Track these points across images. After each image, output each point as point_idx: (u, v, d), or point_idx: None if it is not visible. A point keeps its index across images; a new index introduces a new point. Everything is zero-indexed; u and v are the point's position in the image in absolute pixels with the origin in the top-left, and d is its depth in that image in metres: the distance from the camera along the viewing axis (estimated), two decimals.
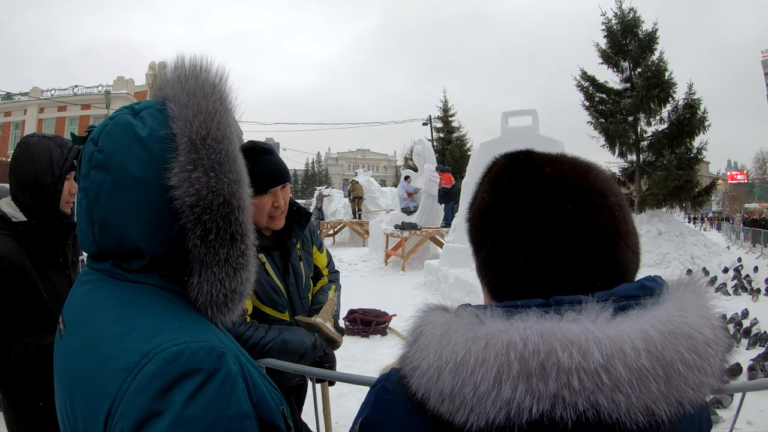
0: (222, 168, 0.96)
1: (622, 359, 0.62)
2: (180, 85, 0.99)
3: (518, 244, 0.79)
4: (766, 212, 30.33)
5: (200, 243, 0.95)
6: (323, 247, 2.79)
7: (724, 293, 11.47)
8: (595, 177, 0.81)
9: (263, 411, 0.97)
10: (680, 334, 0.65)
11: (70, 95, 43.02)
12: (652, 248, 15.98)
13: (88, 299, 0.99)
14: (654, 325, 0.65)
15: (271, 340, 2.15)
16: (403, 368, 0.75)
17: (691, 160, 18.09)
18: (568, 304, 0.70)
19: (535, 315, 0.67)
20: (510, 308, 0.71)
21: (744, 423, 4.61)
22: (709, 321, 0.70)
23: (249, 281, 1.04)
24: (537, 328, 0.65)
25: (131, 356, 0.84)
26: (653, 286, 0.75)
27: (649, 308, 0.69)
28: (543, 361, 0.62)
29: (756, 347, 7.38)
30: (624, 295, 0.72)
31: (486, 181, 0.89)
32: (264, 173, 2.15)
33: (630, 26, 19.34)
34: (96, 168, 0.95)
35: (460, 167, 28.99)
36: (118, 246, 0.97)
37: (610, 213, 0.77)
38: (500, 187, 0.84)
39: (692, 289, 0.76)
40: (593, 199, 0.78)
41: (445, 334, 0.70)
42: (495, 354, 0.64)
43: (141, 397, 0.81)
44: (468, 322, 0.70)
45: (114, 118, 0.99)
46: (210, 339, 0.91)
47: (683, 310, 0.69)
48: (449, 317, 0.74)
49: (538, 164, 0.83)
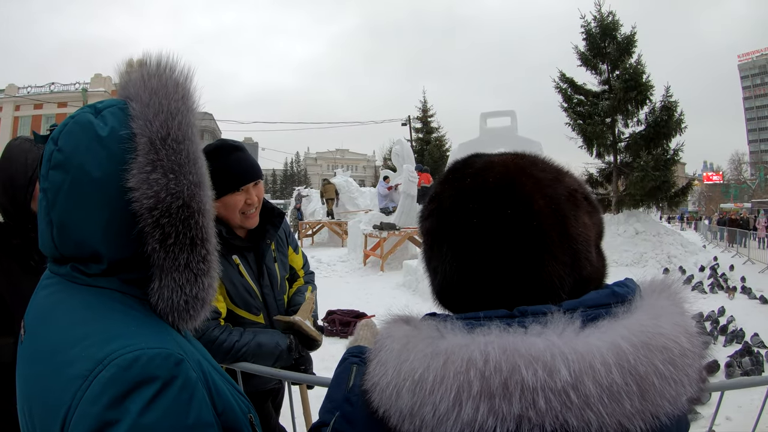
0: (182, 170, 0.93)
1: (592, 375, 0.58)
2: (142, 83, 0.95)
3: (438, 256, 0.78)
4: (744, 212, 30.43)
5: (159, 247, 0.92)
6: (299, 248, 2.73)
7: (701, 291, 11.70)
8: (522, 182, 0.75)
9: (229, 419, 0.95)
10: (655, 345, 0.62)
11: (47, 93, 42.33)
12: (630, 248, 16.23)
13: (47, 304, 0.96)
14: (626, 336, 0.62)
15: (245, 343, 2.11)
16: (365, 383, 0.72)
17: (668, 162, 18.42)
18: (533, 315, 0.66)
19: (498, 329, 0.64)
20: (471, 320, 0.67)
21: (723, 419, 4.71)
22: (685, 328, 0.67)
23: (212, 287, 1.01)
24: (499, 344, 0.61)
25: (86, 363, 0.81)
26: (625, 292, 0.73)
27: (620, 317, 0.66)
28: (505, 380, 0.59)
29: (733, 344, 7.52)
30: (594, 304, 0.69)
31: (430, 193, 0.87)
32: (235, 170, 2.12)
33: (609, 29, 19.64)
34: (55, 168, 0.92)
35: (438, 167, 29.22)
36: (76, 249, 0.94)
37: (534, 220, 0.72)
38: (431, 200, 0.84)
39: (666, 294, 0.74)
40: (516, 207, 0.73)
41: (404, 349, 0.67)
42: (454, 372, 0.61)
43: (95, 406, 0.78)
44: (427, 336, 0.67)
45: (75, 117, 0.96)
46: (168, 345, 0.88)
47: (657, 318, 0.66)
48: (409, 330, 0.70)
49: (464, 175, 0.80)
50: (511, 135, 13.57)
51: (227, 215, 2.15)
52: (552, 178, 0.77)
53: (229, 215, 2.15)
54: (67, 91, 42.52)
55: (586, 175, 21.12)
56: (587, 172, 21.15)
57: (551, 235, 0.72)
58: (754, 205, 50.36)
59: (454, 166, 0.85)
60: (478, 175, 0.78)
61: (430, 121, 41.47)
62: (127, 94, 0.97)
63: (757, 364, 6.39)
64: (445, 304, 0.81)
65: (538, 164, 0.80)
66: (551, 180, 0.77)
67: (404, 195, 15.87)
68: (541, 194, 0.74)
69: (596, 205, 0.82)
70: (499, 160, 0.80)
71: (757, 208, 36.18)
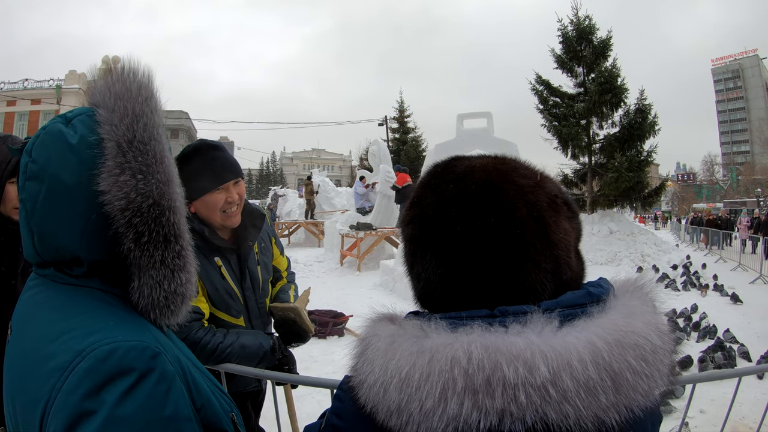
0: (150, 170, 0.95)
1: (569, 372, 0.61)
2: (107, 89, 0.98)
3: (421, 263, 0.80)
4: (723, 211, 30.37)
5: (134, 246, 0.94)
6: (283, 250, 2.76)
7: (674, 289, 11.96)
8: (504, 190, 0.76)
9: (208, 415, 0.97)
10: (627, 343, 0.65)
11: (20, 89, 41.20)
12: (604, 246, 16.42)
13: (31, 304, 0.99)
14: (600, 335, 0.65)
15: (229, 345, 2.10)
16: (352, 380, 0.74)
17: (642, 163, 18.68)
18: (513, 315, 0.68)
19: (480, 328, 0.66)
20: (454, 320, 0.70)
21: (697, 411, 4.85)
22: (656, 326, 0.70)
23: (190, 282, 1.03)
24: (481, 342, 0.64)
25: (66, 355, 0.84)
26: (599, 292, 0.75)
27: (595, 317, 0.69)
28: (488, 377, 0.61)
29: (705, 340, 7.72)
30: (570, 304, 0.71)
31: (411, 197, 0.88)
32: (214, 169, 2.12)
33: (585, 33, 19.86)
34: (31, 179, 0.95)
35: (415, 168, 29.17)
36: (57, 254, 0.97)
37: (517, 228, 0.73)
38: (412, 206, 0.84)
39: (638, 294, 0.76)
40: (500, 215, 0.74)
41: (390, 348, 0.70)
42: (439, 370, 0.63)
43: (72, 396, 0.80)
44: (412, 335, 0.70)
45: (46, 128, 0.99)
46: (145, 339, 0.90)
47: (630, 317, 0.69)
48: (394, 329, 0.73)
49: (446, 180, 0.81)
50: (488, 136, 13.66)
51: (208, 215, 2.14)
52: (533, 185, 0.78)
53: (210, 214, 2.14)
54: (41, 87, 41.43)
55: (561, 176, 21.35)
56: (562, 172, 21.37)
57: (534, 242, 0.73)
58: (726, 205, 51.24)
59: (435, 170, 0.85)
60: (460, 180, 0.78)
61: (407, 121, 41.63)
62: (94, 101, 1.00)
63: (729, 358, 6.53)
64: (428, 307, 0.82)
65: (519, 169, 0.81)
66: (532, 186, 0.78)
67: (381, 195, 15.87)
68: (523, 201, 0.75)
69: (575, 209, 0.84)
70: (480, 164, 0.81)
71: (732, 208, 35.71)
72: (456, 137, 14.15)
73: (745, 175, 74.27)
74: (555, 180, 0.85)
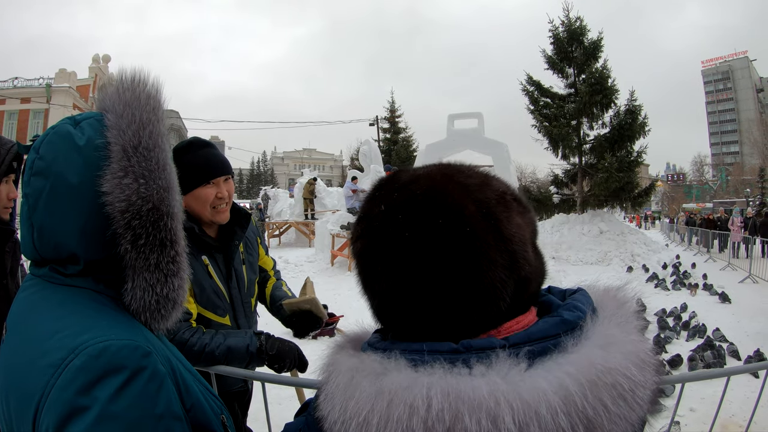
0: (152, 175, 0.99)
1: (537, 423, 0.57)
2: (118, 96, 1.02)
3: (373, 277, 0.77)
4: (721, 210, 28.46)
5: (131, 248, 0.97)
6: (268, 250, 2.81)
7: (664, 289, 12.14)
8: (450, 190, 0.73)
9: (198, 416, 0.99)
10: (603, 384, 0.61)
11: (10, 88, 40.82)
12: (594, 246, 16.55)
13: (27, 303, 1.02)
14: (574, 375, 0.60)
15: (216, 347, 2.09)
16: (317, 411, 0.72)
17: (632, 163, 18.86)
18: (478, 351, 0.65)
19: (441, 369, 0.62)
20: (415, 355, 0.66)
21: (687, 410, 4.90)
22: (637, 356, 0.66)
23: (182, 288, 1.07)
24: (442, 387, 0.59)
25: (59, 352, 0.86)
26: (574, 318, 0.71)
27: (569, 352, 0.65)
28: (448, 429, 0.57)
29: (695, 339, 7.81)
30: (541, 336, 0.67)
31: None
32: (206, 163, 2.17)
33: (576, 34, 20.02)
34: (36, 175, 0.99)
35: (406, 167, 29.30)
36: (54, 251, 1.00)
37: (467, 226, 0.70)
38: (359, 221, 0.81)
39: (619, 315, 0.73)
40: (448, 215, 0.70)
41: (350, 385, 0.67)
42: (398, 417, 0.59)
43: (65, 392, 0.82)
44: (371, 372, 0.66)
45: (55, 128, 1.03)
46: (137, 338, 0.92)
47: (608, 348, 0.65)
48: (354, 364, 0.70)
49: (390, 189, 0.78)
50: (478, 137, 13.78)
51: (198, 209, 2.17)
52: (479, 183, 0.76)
53: (200, 209, 2.17)
54: (30, 86, 41.04)
55: (552, 176, 21.50)
56: (553, 173, 21.53)
57: (486, 239, 0.70)
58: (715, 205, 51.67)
59: (379, 184, 0.83)
60: (405, 188, 0.76)
61: (398, 121, 41.80)
62: (103, 106, 1.04)
63: (718, 357, 6.60)
64: (386, 323, 0.78)
65: (464, 171, 0.78)
66: (479, 185, 0.75)
67: None
68: (470, 199, 0.72)
69: (526, 204, 0.81)
70: (424, 172, 0.79)
71: (728, 207, 34.91)
72: (447, 137, 14.26)
73: (735, 176, 74.80)
74: (502, 179, 0.82)
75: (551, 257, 16.39)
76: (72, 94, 40.80)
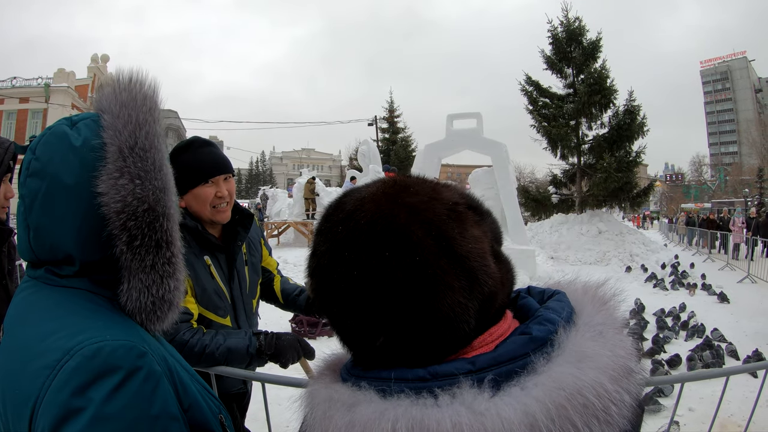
0: (148, 176, 0.99)
1: None
2: (114, 97, 1.02)
3: (330, 314, 0.75)
4: (725, 211, 27.88)
5: (126, 249, 0.97)
6: (272, 251, 2.80)
7: (662, 288, 12.17)
8: (394, 215, 0.69)
9: (196, 416, 0.99)
10: (574, 406, 0.58)
11: (8, 87, 40.72)
12: (593, 246, 16.57)
13: (23, 305, 1.02)
14: (542, 400, 0.58)
15: (216, 348, 2.08)
16: None
17: (630, 163, 18.88)
18: (442, 379, 0.63)
19: (407, 399, 0.62)
20: (384, 384, 0.66)
21: (686, 410, 4.91)
22: (612, 371, 0.63)
23: (178, 290, 1.06)
24: (407, 420, 0.59)
25: (54, 354, 0.86)
26: (544, 334, 0.67)
27: (539, 373, 0.62)
28: None
29: (694, 339, 7.84)
30: (509, 358, 0.65)
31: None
32: (206, 162, 2.17)
33: (575, 35, 20.05)
34: (32, 176, 0.99)
35: (404, 168, 29.33)
36: (50, 252, 1.00)
37: (416, 255, 0.66)
38: (311, 256, 0.78)
39: (593, 332, 0.69)
40: (394, 246, 0.67)
41: (324, 417, 0.66)
42: None
43: (60, 394, 0.82)
44: (343, 404, 0.66)
45: (52, 129, 1.03)
46: (132, 338, 0.92)
47: (579, 365, 0.62)
48: (329, 395, 0.69)
49: (336, 221, 0.74)
50: (477, 137, 13.76)
51: (198, 208, 2.17)
52: (427, 200, 0.71)
53: (200, 208, 2.16)
54: (29, 86, 40.94)
55: (551, 176, 21.52)
56: (551, 173, 21.57)
57: (439, 264, 0.66)
58: (714, 205, 51.69)
59: (327, 212, 0.78)
60: (349, 218, 0.71)
61: (397, 121, 41.81)
62: (100, 107, 1.04)
63: (717, 357, 6.63)
64: (354, 354, 0.76)
65: (410, 188, 0.74)
66: (426, 202, 0.71)
67: None
68: (417, 223, 0.68)
69: (483, 210, 0.78)
70: (369, 194, 0.74)
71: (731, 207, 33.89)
72: (446, 137, 14.24)
73: (733, 176, 74.88)
74: (454, 186, 0.79)
75: (550, 257, 16.42)
76: (71, 93, 40.73)
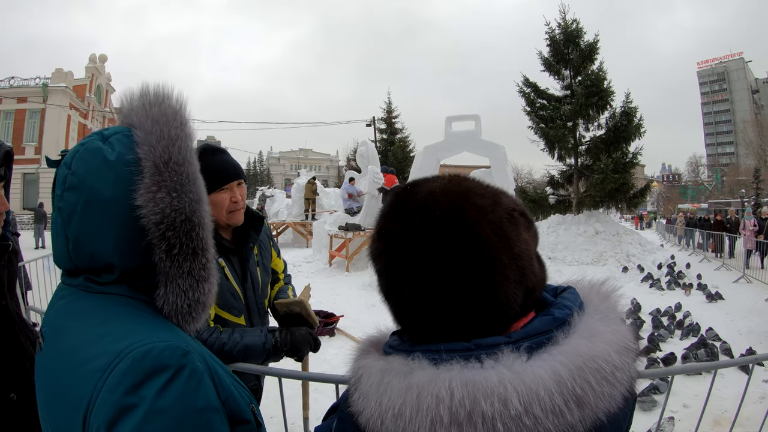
0: (183, 189, 1.04)
1: (538, 402, 0.69)
2: (144, 112, 1.07)
3: (396, 291, 0.85)
4: (731, 211, 25.47)
5: (165, 257, 1.03)
6: (280, 252, 2.88)
7: (659, 288, 12.24)
8: (467, 212, 0.81)
9: (232, 407, 1.04)
10: (589, 368, 0.72)
11: (6, 87, 40.55)
12: (590, 247, 16.61)
13: (64, 313, 1.06)
14: (564, 363, 0.72)
15: (234, 346, 2.18)
16: (351, 408, 0.81)
17: (627, 164, 18.84)
18: (486, 348, 0.75)
19: (458, 364, 0.73)
20: (434, 355, 0.77)
21: (681, 406, 5.04)
22: (616, 345, 0.78)
23: (211, 292, 1.12)
24: (461, 380, 0.71)
25: (105, 357, 0.90)
26: (563, 315, 0.81)
27: (560, 344, 0.76)
28: (469, 412, 0.68)
29: (689, 337, 7.93)
30: (537, 332, 0.78)
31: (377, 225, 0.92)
32: (220, 170, 2.25)
33: (572, 36, 19.99)
34: (69, 190, 1.02)
35: (403, 169, 29.23)
36: (90, 261, 1.04)
37: (485, 248, 0.78)
38: (380, 238, 0.88)
39: (599, 315, 0.84)
40: (467, 238, 0.79)
41: (381, 383, 0.77)
42: (427, 406, 0.70)
43: (114, 394, 0.86)
44: (399, 372, 0.76)
45: (85, 144, 1.06)
46: (175, 339, 0.97)
47: (591, 339, 0.77)
48: (382, 366, 0.80)
49: (411, 210, 0.85)
50: (476, 139, 13.80)
51: (215, 214, 2.15)
52: (492, 203, 0.83)
53: (216, 214, 2.22)
54: (27, 86, 40.78)
55: (548, 177, 21.56)
56: (549, 174, 21.59)
57: (501, 258, 0.79)
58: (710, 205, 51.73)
59: (398, 200, 0.89)
60: (424, 208, 0.83)
61: (395, 122, 41.58)
62: (130, 121, 1.09)
63: (712, 355, 6.70)
64: (408, 329, 0.87)
65: (477, 190, 0.85)
66: (491, 205, 0.83)
67: (369, 196, 15.87)
68: (486, 221, 0.80)
69: (530, 218, 0.90)
70: (440, 189, 0.85)
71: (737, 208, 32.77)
72: (444, 139, 14.28)
73: (730, 176, 74.80)
74: (508, 193, 0.91)
75: (548, 257, 16.42)
76: (68, 93, 40.69)
